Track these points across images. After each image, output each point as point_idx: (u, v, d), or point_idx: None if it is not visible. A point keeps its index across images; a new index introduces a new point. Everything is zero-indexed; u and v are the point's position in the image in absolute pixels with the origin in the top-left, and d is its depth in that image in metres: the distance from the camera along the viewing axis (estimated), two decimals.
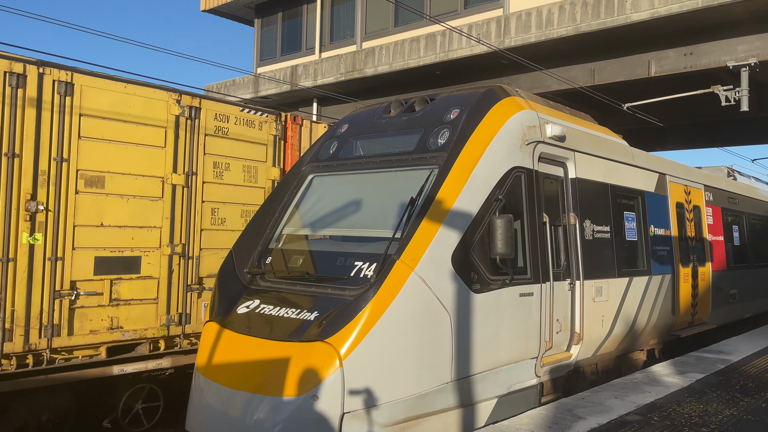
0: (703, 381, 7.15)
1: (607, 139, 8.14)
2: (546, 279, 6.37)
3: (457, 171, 5.63)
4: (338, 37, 16.63)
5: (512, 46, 11.96)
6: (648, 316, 8.35)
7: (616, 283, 7.59)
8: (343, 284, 5.36)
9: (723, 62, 10.64)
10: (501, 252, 5.49)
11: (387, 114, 6.88)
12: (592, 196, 7.40)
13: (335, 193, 6.54)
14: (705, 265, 10.37)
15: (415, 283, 5.05)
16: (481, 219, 5.63)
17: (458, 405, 5.42)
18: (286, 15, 18.23)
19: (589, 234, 7.17)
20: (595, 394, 6.49)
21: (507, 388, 5.90)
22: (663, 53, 11.26)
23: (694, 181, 10.54)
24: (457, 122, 6.07)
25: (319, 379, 4.76)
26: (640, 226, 8.44)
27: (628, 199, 8.28)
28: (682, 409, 5.97)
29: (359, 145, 6.79)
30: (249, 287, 6.00)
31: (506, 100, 6.42)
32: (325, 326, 4.98)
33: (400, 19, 14.92)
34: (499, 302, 5.71)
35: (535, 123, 6.56)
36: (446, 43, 12.97)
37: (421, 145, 6.11)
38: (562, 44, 11.72)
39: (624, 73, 11.72)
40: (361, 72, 14.62)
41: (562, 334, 6.67)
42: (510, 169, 6.07)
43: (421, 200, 5.54)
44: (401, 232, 5.36)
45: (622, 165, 8.22)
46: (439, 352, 5.17)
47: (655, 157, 9.46)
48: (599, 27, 10.88)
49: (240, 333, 5.49)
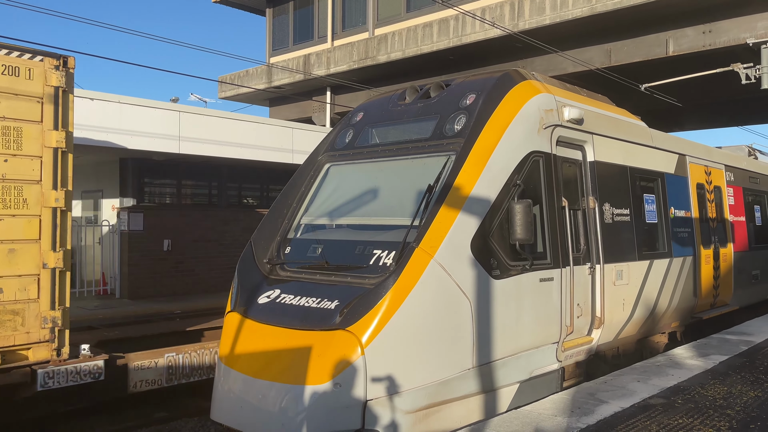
0: (727, 363, 7.08)
1: (626, 120, 8.04)
2: (566, 264, 6.34)
3: (475, 157, 5.60)
4: (350, 24, 16.55)
5: (526, 28, 11.83)
6: (669, 298, 8.28)
7: (637, 266, 7.53)
8: (362, 273, 5.38)
9: (742, 39, 10.44)
10: (521, 237, 5.46)
11: (402, 101, 6.85)
12: (611, 179, 7.32)
13: (352, 182, 6.54)
14: (726, 246, 10.25)
15: (434, 270, 5.05)
16: (499, 205, 5.61)
17: (480, 391, 5.43)
18: (297, 4, 18.16)
19: (608, 217, 7.11)
20: (617, 378, 6.46)
21: (528, 373, 5.90)
22: (681, 32, 11.07)
23: (714, 162, 10.39)
24: (474, 107, 6.03)
25: (342, 367, 4.79)
26: (660, 208, 8.35)
27: (648, 181, 8.19)
28: (706, 391, 5.93)
29: (375, 133, 6.77)
30: (269, 277, 6.04)
31: (523, 83, 6.36)
32: (346, 315, 5.01)
33: (413, 4, 14.80)
34: (519, 288, 5.69)
35: (553, 106, 6.49)
36: (459, 27, 12.86)
37: (438, 132, 6.08)
38: (578, 25, 11.57)
39: (641, 53, 11.55)
40: (374, 59, 14.55)
41: (582, 318, 6.64)
42: (528, 154, 6.03)
43: (438, 187, 5.52)
44: (420, 220, 5.35)
45: (641, 147, 8.12)
46: (460, 338, 5.17)
47: (675, 138, 9.33)
48: (615, 6, 10.72)
49: (262, 323, 5.54)
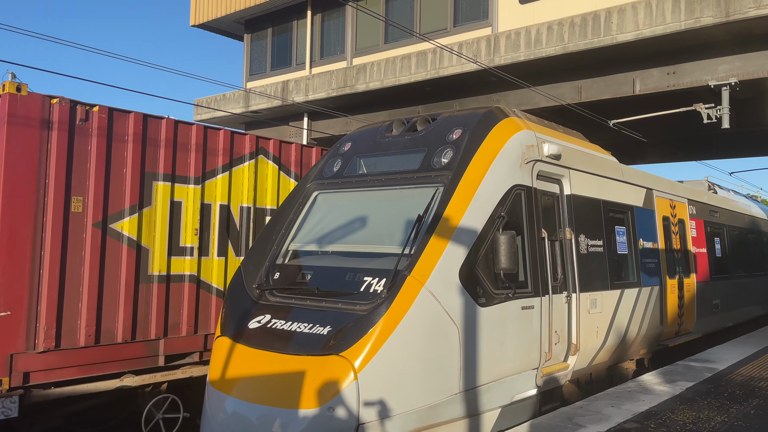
0: (693, 389, 7.44)
1: (599, 156, 8.46)
2: (545, 292, 6.63)
3: (463, 189, 5.87)
4: (328, 53, 16.87)
5: (502, 64, 12.30)
6: (639, 326, 8.65)
7: (609, 295, 7.88)
8: (353, 299, 5.54)
9: (704, 81, 11.06)
10: (505, 267, 5.72)
11: (389, 133, 7.11)
12: (586, 212, 7.69)
13: (341, 210, 6.73)
14: (690, 277, 10.73)
15: (425, 298, 5.25)
16: (485, 235, 5.87)
17: (465, 415, 5.62)
18: (276, 30, 18.43)
19: (583, 248, 7.45)
20: (592, 403, 6.74)
21: (510, 398, 6.12)
22: (647, 72, 11.67)
23: (678, 196, 10.92)
24: (460, 142, 6.32)
25: (335, 392, 4.93)
26: (630, 240, 8.76)
27: (619, 214, 8.60)
28: (676, 416, 6.24)
29: (363, 164, 7.00)
30: (259, 302, 6.15)
31: (506, 120, 6.69)
32: (339, 340, 5.16)
33: (390, 36, 15.21)
34: (503, 315, 5.94)
35: (533, 142, 6.84)
36: (437, 60, 13.28)
37: (426, 164, 6.34)
38: (551, 63, 12.09)
39: (610, 90, 12.11)
40: (352, 88, 14.85)
41: (560, 345, 6.92)
42: (511, 187, 6.33)
43: (428, 217, 5.76)
44: (410, 249, 5.57)
45: (613, 181, 8.54)
46: (449, 364, 5.37)
47: (643, 173, 9.81)
48: (586, 47, 11.27)
49: (253, 347, 5.64)
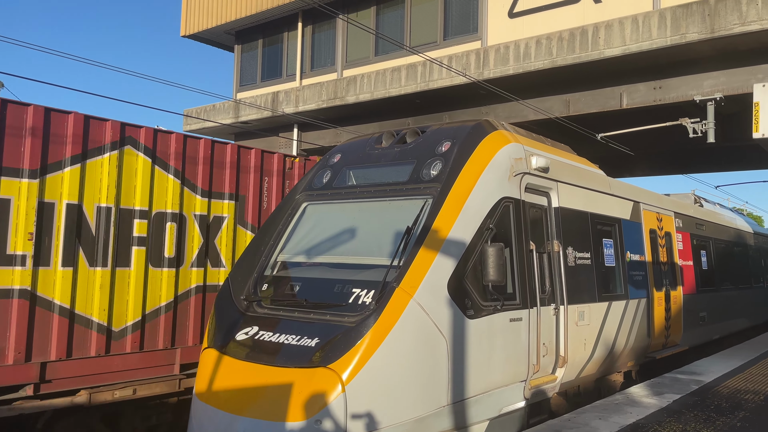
0: (680, 401, 7.47)
1: (586, 169, 8.53)
2: (533, 304, 6.65)
3: (452, 201, 5.89)
4: (319, 65, 16.94)
5: (491, 77, 12.41)
6: (626, 338, 8.69)
7: (597, 307, 7.92)
8: (341, 311, 5.53)
9: (690, 96, 11.22)
10: (493, 279, 5.74)
11: (379, 145, 7.13)
12: (574, 224, 7.74)
13: (330, 221, 6.73)
14: (677, 289, 10.81)
15: (414, 310, 5.25)
16: (474, 247, 5.89)
17: (453, 428, 5.60)
18: (266, 42, 18.49)
19: (571, 260, 7.49)
20: (579, 416, 6.74)
21: (498, 410, 6.12)
22: (634, 87, 11.82)
23: (665, 209, 11.02)
24: (449, 155, 6.35)
25: (323, 404, 4.90)
26: (618, 253, 8.82)
27: (607, 227, 8.66)
28: (663, 429, 6.26)
29: (353, 175, 7.01)
30: (246, 314, 6.12)
31: (494, 133, 6.74)
32: (327, 352, 5.14)
33: (381, 49, 15.30)
34: (491, 327, 5.95)
35: (521, 155, 6.89)
36: (427, 73, 13.37)
37: (415, 176, 6.37)
38: (539, 76, 12.21)
39: (597, 104, 12.24)
40: (342, 99, 14.91)
41: (548, 357, 6.93)
42: (500, 200, 6.36)
43: (417, 229, 5.77)
44: (398, 260, 5.57)
45: (601, 194, 8.61)
46: (437, 376, 5.36)
47: (630, 186, 9.90)
48: (574, 61, 11.40)
49: (240, 359, 5.60)
